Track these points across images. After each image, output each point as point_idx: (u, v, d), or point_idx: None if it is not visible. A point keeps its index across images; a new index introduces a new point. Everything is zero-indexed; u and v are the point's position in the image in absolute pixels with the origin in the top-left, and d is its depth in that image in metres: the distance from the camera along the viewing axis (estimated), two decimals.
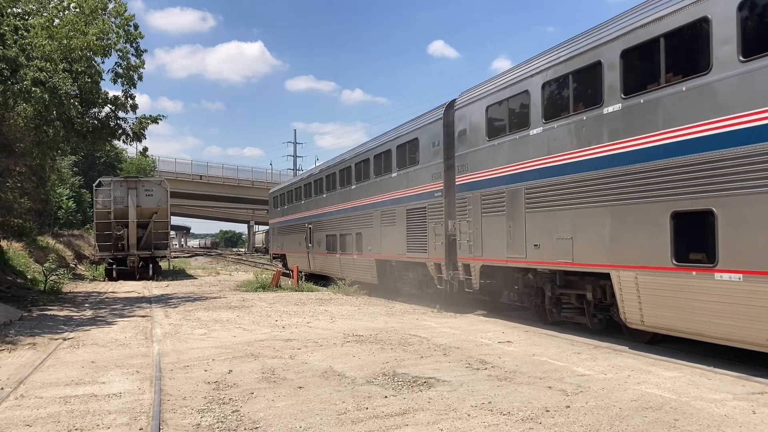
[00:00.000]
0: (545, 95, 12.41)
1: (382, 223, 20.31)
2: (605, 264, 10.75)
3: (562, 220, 11.80)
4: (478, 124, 14.89)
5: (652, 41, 9.84)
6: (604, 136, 10.77)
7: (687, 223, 9.28)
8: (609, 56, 10.66)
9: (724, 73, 8.64)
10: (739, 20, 8.41)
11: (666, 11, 9.60)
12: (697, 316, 9.04)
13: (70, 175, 44.63)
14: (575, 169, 11.46)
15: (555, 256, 12.01)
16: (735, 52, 8.52)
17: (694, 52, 9.31)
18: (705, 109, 8.92)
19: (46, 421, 6.64)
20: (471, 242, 15.01)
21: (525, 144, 12.95)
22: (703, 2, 9.00)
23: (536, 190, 12.59)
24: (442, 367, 9.13)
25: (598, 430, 6.11)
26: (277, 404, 7.19)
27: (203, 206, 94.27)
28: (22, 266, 27.64)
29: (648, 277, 9.86)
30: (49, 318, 15.92)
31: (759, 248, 8.11)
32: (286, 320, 14.89)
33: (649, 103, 9.89)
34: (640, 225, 10.01)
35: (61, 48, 17.76)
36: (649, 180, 9.81)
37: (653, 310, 9.85)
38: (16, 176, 20.05)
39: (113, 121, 20.44)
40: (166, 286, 26.93)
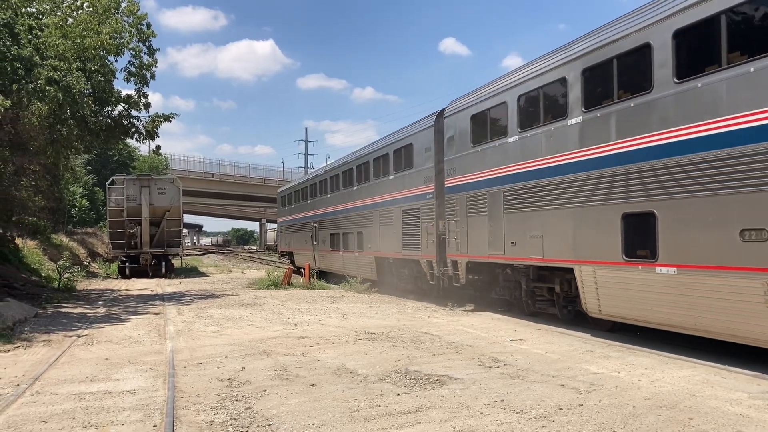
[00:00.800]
0: (520, 107, 13.59)
1: (381, 223, 21.47)
2: (569, 260, 11.96)
3: (535, 221, 12.97)
4: (464, 131, 16.00)
5: (608, 61, 11.02)
6: (569, 145, 11.90)
7: (634, 223, 10.41)
8: (572, 73, 11.83)
9: (663, 92, 9.77)
10: (674, 46, 9.58)
11: (618, 36, 10.81)
12: (643, 305, 10.21)
13: (83, 173, 44.93)
14: (545, 174, 12.62)
15: (528, 253, 13.20)
16: (671, 74, 9.67)
17: (640, 73, 10.43)
18: (648, 123, 10.06)
19: (62, 418, 6.70)
20: (458, 240, 16.14)
21: (504, 150, 14.11)
22: (646, 30, 10.16)
23: (513, 193, 13.76)
24: (455, 365, 9.12)
25: (612, 429, 6.08)
26: (289, 401, 7.21)
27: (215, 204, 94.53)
28: (37, 264, 27.90)
29: (604, 271, 11.04)
30: (64, 315, 16.05)
31: (690, 245, 9.29)
32: (299, 318, 14.93)
33: (604, 116, 11.03)
34: (597, 225, 11.18)
35: (75, 47, 17.88)
36: (604, 185, 10.98)
37: (608, 300, 11.02)
38: (31, 175, 20.17)
39: (126, 120, 20.56)
40: (178, 284, 27.09)
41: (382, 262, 22.07)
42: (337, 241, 26.45)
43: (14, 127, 15.95)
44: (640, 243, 10.27)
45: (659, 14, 9.88)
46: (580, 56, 11.70)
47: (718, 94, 8.83)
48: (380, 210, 21.54)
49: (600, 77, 11.30)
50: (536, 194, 12.90)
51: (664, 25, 9.73)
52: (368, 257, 22.85)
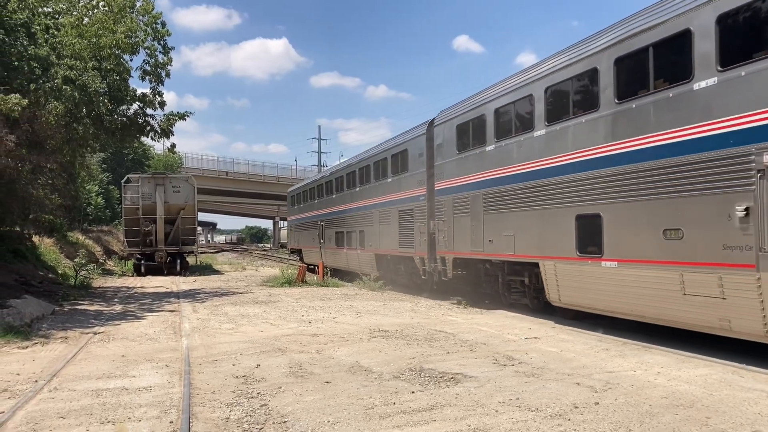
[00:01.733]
0: (497, 119, 15.10)
1: (380, 222, 23.16)
2: (535, 255, 13.54)
3: (508, 221, 14.54)
4: (450, 139, 17.55)
5: (566, 81, 12.66)
6: (534, 154, 13.48)
7: (585, 224, 11.91)
8: (537, 92, 13.48)
9: (606, 111, 11.39)
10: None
11: (566, 64, 12.59)
12: (592, 294, 11.85)
13: (99, 171, 45.24)
14: (516, 179, 14.21)
15: (503, 250, 14.78)
16: (612, 96, 11.24)
17: (588, 94, 11.99)
18: (594, 137, 11.64)
19: (79, 414, 6.76)
20: (446, 238, 17.69)
21: (483, 158, 15.67)
22: (596, 56, 11.72)
23: (490, 196, 15.32)
24: (469, 363, 9.10)
25: (628, 427, 6.04)
26: (304, 399, 7.24)
27: (229, 202, 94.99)
28: (53, 261, 28.15)
29: (562, 265, 12.63)
30: (80, 312, 16.19)
31: (627, 242, 10.84)
32: (313, 315, 14.96)
33: (562, 129, 12.63)
34: (556, 225, 12.72)
35: (91, 46, 18.02)
36: (562, 189, 12.51)
37: (566, 291, 12.63)
38: (48, 173, 20.33)
39: (141, 118, 20.68)
40: (193, 282, 27.24)
41: (381, 259, 23.54)
42: (342, 239, 28.00)
43: (31, 126, 16.08)
44: (590, 241, 11.80)
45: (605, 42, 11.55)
46: (542, 77, 13.45)
47: (645, 115, 10.47)
48: (380, 210, 23.18)
49: (559, 97, 12.94)
50: (509, 197, 14.51)
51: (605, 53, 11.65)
52: (369, 254, 24.34)
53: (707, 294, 9.30)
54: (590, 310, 12.24)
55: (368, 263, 24.57)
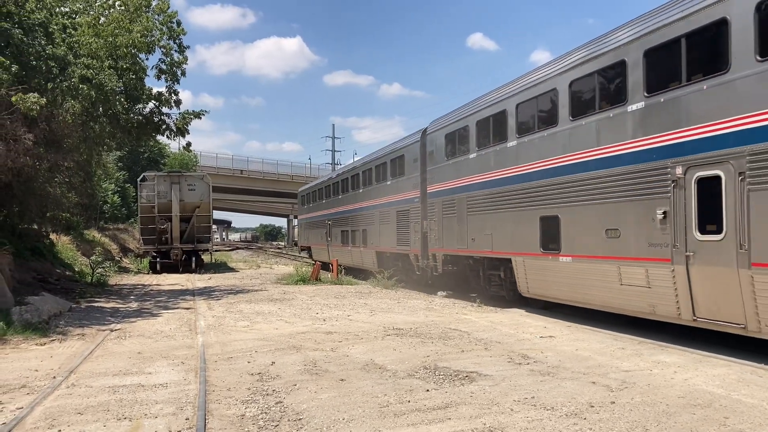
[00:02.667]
0: (478, 130, 16.78)
1: (381, 222, 24.77)
2: (509, 252, 15.22)
3: (487, 221, 16.19)
4: (440, 147, 19.21)
5: (530, 100, 14.38)
6: (508, 162, 15.17)
7: (547, 224, 13.59)
8: (510, 107, 15.18)
9: (562, 127, 13.09)
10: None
11: (529, 85, 14.42)
12: (554, 285, 13.55)
13: (115, 170, 45.58)
14: (493, 185, 15.88)
15: (483, 247, 16.43)
16: (567, 114, 12.91)
17: (549, 112, 13.69)
18: (554, 149, 13.35)
19: (97, 410, 6.82)
20: (436, 237, 19.29)
21: (467, 164, 17.29)
22: (554, 79, 13.41)
23: (473, 199, 16.93)
24: (484, 362, 9.08)
25: (644, 427, 6.00)
26: (319, 396, 7.25)
27: (244, 200, 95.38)
28: (70, 259, 28.41)
29: (529, 261, 14.32)
30: (97, 310, 16.32)
31: (578, 240, 12.55)
32: (327, 313, 14.99)
33: (529, 141, 14.37)
34: (525, 225, 14.42)
35: (107, 45, 18.15)
36: (529, 194, 14.26)
37: (533, 283, 14.39)
38: (65, 171, 20.50)
39: (157, 117, 20.80)
40: (208, 279, 27.37)
41: (381, 256, 25.19)
42: (347, 237, 29.76)
43: (49, 125, 16.22)
44: (551, 239, 13.46)
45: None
46: (515, 95, 15.00)
47: (592, 131, 12.18)
48: (380, 210, 24.86)
49: (527, 113, 14.65)
50: (487, 200, 16.18)
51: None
52: (371, 251, 26.10)
53: (638, 284, 11.04)
54: (553, 300, 14.00)
55: (370, 260, 26.25)
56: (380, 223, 24.71)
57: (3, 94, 13.20)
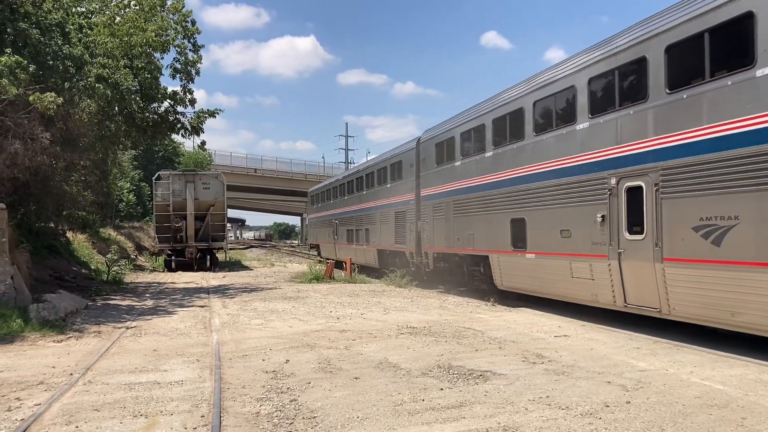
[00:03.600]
0: (462, 141, 18.80)
1: (381, 222, 26.57)
2: (486, 250, 17.10)
3: (469, 223, 18.06)
4: (431, 154, 21.09)
5: (503, 116, 16.24)
6: (485, 170, 17.02)
7: (516, 225, 15.48)
8: (487, 122, 16.92)
9: (527, 141, 15.02)
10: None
11: (504, 102, 16.33)
12: (521, 279, 15.56)
13: (130, 168, 45.84)
14: (474, 190, 17.75)
15: (466, 246, 18.29)
16: (531, 130, 14.93)
17: (517, 128, 15.54)
18: (521, 160, 15.27)
19: (113, 407, 6.87)
20: (428, 236, 21.15)
21: (453, 171, 19.22)
22: (523, 98, 15.37)
23: (458, 203, 18.80)
24: (498, 361, 9.06)
25: (660, 427, 5.96)
26: (333, 394, 7.27)
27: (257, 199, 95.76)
28: (86, 257, 28.64)
29: (502, 257, 16.19)
30: (113, 307, 16.45)
31: (540, 239, 14.46)
32: (341, 311, 15.02)
33: (503, 152, 16.18)
34: (498, 226, 16.28)
35: (122, 45, 18.28)
36: (502, 199, 16.14)
37: (505, 277, 16.32)
38: (81, 170, 20.65)
39: (172, 116, 20.91)
40: (223, 277, 27.50)
41: (382, 253, 27.10)
42: (351, 236, 31.77)
43: (65, 124, 16.35)
44: (519, 238, 15.33)
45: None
46: (490, 111, 16.91)
47: (549, 145, 14.11)
48: (381, 211, 26.68)
49: (501, 128, 16.39)
50: (469, 204, 18.02)
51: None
52: (373, 249, 28.02)
53: (585, 277, 12.93)
54: (521, 291, 15.89)
55: (372, 257, 28.21)
56: (381, 223, 26.59)
57: (21, 94, 13.32)
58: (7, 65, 12.95)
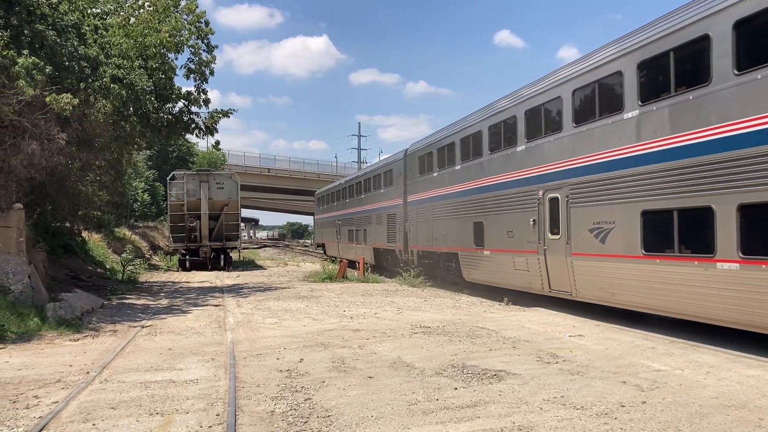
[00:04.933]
0: (438, 155, 21.78)
1: (376, 223, 29.46)
2: (456, 248, 20.08)
3: (444, 225, 20.95)
4: (416, 165, 24.15)
5: (468, 136, 19.22)
6: (455, 181, 19.99)
7: (477, 227, 18.30)
8: (457, 141, 20.10)
9: (487, 157, 17.86)
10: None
11: (469, 124, 19.53)
12: (481, 272, 18.45)
13: (145, 168, 46.08)
14: (447, 197, 20.70)
15: (442, 245, 21.29)
16: (487, 149, 18.02)
17: (476, 148, 18.68)
18: (480, 173, 18.18)
19: (129, 405, 6.92)
20: (413, 236, 24.09)
21: (433, 180, 22.19)
22: (480, 123, 18.62)
23: (436, 207, 21.70)
24: (512, 360, 9.04)
25: (677, 428, 5.92)
26: (348, 393, 7.28)
27: (271, 199, 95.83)
28: (102, 257, 28.87)
29: (468, 254, 19.10)
30: (128, 306, 16.57)
31: (493, 239, 17.31)
32: (354, 311, 15.04)
33: (468, 166, 19.18)
34: (465, 228, 19.17)
35: (137, 45, 18.36)
36: (466, 205, 19.10)
37: (469, 272, 19.22)
38: (96, 170, 20.78)
39: (186, 116, 20.97)
40: (237, 277, 27.62)
41: (377, 251, 30.02)
42: (352, 236, 34.71)
43: (81, 125, 16.46)
44: (479, 238, 18.16)
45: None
46: (459, 131, 19.99)
47: (498, 162, 17.19)
48: (376, 213, 29.56)
49: (465, 147, 19.36)
50: (444, 209, 20.90)
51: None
52: (369, 248, 30.83)
53: (523, 269, 15.85)
54: (482, 283, 18.68)
55: (369, 254, 30.75)
56: (376, 224, 29.57)
57: (37, 95, 13.42)
58: (24, 66, 13.05)
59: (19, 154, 13.90)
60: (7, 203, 14.23)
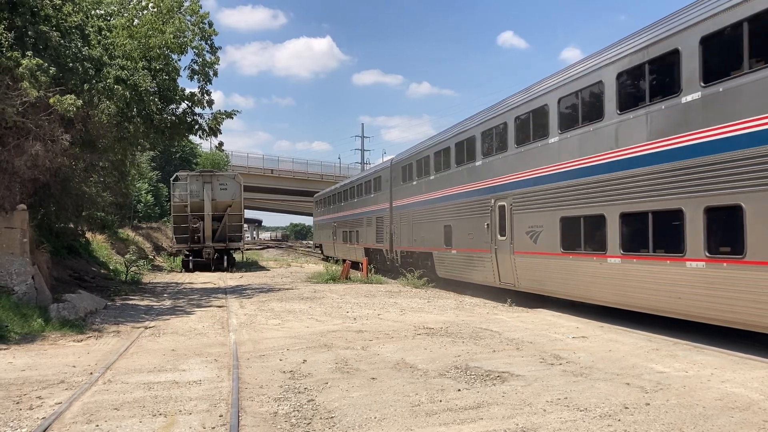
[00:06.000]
0: (417, 166, 24.34)
1: (367, 225, 32.30)
2: (431, 248, 22.60)
3: (422, 227, 23.50)
4: (399, 174, 26.77)
5: (441, 150, 21.91)
6: (430, 189, 22.68)
7: (446, 230, 20.72)
8: (431, 155, 22.78)
9: (453, 170, 20.55)
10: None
11: (444, 139, 22.19)
12: (450, 269, 20.82)
13: (148, 169, 46.11)
14: (424, 204, 23.28)
15: (420, 245, 23.88)
16: (453, 162, 20.69)
17: (445, 162, 21.46)
18: (447, 183, 20.92)
19: (132, 406, 6.93)
20: (397, 237, 26.63)
21: (412, 188, 24.86)
22: (449, 140, 21.41)
23: (416, 212, 24.19)
24: (516, 362, 9.02)
25: (681, 429, 5.91)
26: (351, 394, 7.28)
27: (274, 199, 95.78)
28: (105, 257, 28.92)
29: (439, 253, 21.62)
30: (131, 307, 16.59)
31: (459, 239, 19.76)
32: (357, 312, 15.03)
33: (440, 176, 21.72)
34: (437, 230, 21.64)
35: (141, 47, 18.40)
36: (438, 210, 21.64)
37: (441, 268, 21.63)
38: (100, 171, 20.83)
39: (190, 117, 20.98)
40: (240, 278, 27.63)
41: (367, 251, 32.09)
42: (346, 237, 37.50)
43: (85, 126, 16.47)
44: (448, 239, 20.64)
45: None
46: (432, 146, 22.93)
47: (459, 175, 19.99)
48: (367, 216, 32.21)
49: (439, 160, 22.01)
50: (422, 214, 23.41)
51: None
52: (361, 248, 33.30)
53: (480, 265, 18.36)
54: (450, 278, 20.99)
55: (360, 254, 32.85)
56: (366, 226, 32.33)
57: (41, 96, 13.45)
58: (28, 68, 13.08)
59: (23, 155, 13.92)
60: (11, 204, 14.26)
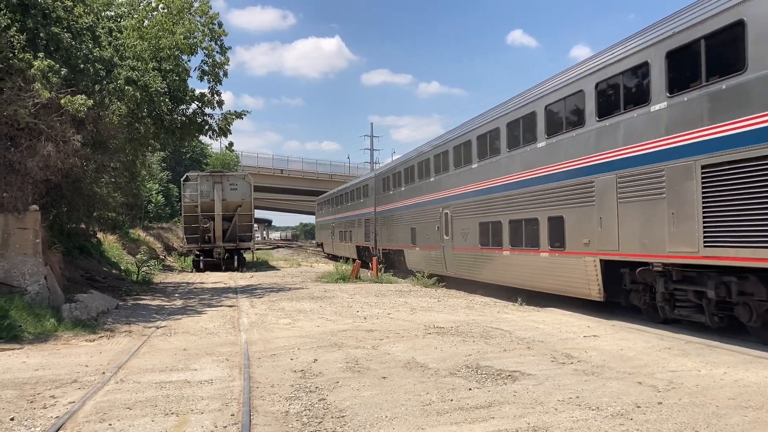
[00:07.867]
0: (393, 179, 29.20)
1: (358, 226, 36.89)
2: (402, 246, 27.45)
3: (397, 229, 28.17)
4: (381, 184, 31.72)
5: (411, 166, 26.66)
6: (402, 198, 27.24)
7: (413, 231, 25.51)
8: (403, 171, 27.89)
9: (415, 184, 26.03)
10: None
11: (415, 155, 27.21)
12: (416, 263, 25.30)
13: (159, 170, 46.31)
14: (398, 210, 27.96)
15: (395, 243, 28.71)
16: (416, 176, 26.09)
17: (409, 176, 27.11)
18: (413, 194, 25.84)
19: (145, 405, 6.96)
20: (380, 237, 31.11)
21: (389, 197, 29.77)
22: (419, 156, 26.08)
23: (393, 217, 28.92)
24: (527, 361, 9.00)
25: (694, 428, 5.87)
26: (362, 393, 7.28)
27: (284, 199, 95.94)
28: (116, 258, 29.06)
29: (409, 251, 26.44)
30: (143, 307, 16.67)
31: (421, 239, 24.69)
32: (368, 311, 15.04)
33: (410, 188, 26.44)
34: (407, 232, 26.29)
35: (151, 48, 18.51)
36: (408, 216, 26.25)
37: (410, 263, 26.26)
38: (111, 172, 20.93)
39: (200, 118, 21.08)
40: (250, 277, 27.72)
41: (358, 248, 36.63)
42: (342, 236, 42.04)
43: (96, 126, 16.56)
44: (414, 239, 25.27)
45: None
46: (402, 163, 28.43)
47: (419, 189, 25.22)
48: (357, 218, 37.04)
49: (410, 173, 26.56)
50: (396, 218, 28.20)
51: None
52: (353, 246, 37.90)
53: (434, 259, 22.83)
54: (417, 270, 24.24)
55: (353, 251, 37.42)
56: (358, 227, 36.84)
57: (53, 97, 13.54)
58: (40, 69, 13.18)
59: (35, 156, 14.02)
60: (23, 205, 14.35)
